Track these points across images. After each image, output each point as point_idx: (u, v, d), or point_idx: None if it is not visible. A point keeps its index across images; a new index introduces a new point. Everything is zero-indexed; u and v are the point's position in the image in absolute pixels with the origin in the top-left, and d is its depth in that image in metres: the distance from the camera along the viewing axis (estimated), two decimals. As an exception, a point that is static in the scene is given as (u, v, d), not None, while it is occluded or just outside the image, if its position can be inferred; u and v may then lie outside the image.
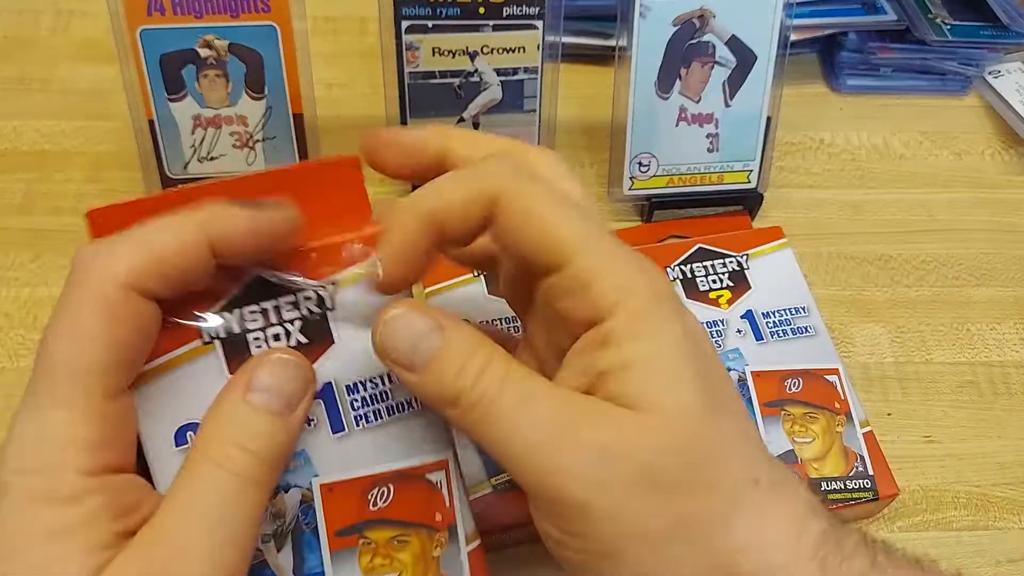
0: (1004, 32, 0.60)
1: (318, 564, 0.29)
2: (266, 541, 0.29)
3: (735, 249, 0.49)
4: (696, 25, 0.48)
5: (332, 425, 0.29)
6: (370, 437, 0.29)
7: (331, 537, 0.29)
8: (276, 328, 0.29)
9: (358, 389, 0.29)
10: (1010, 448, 0.46)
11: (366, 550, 0.29)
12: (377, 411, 0.29)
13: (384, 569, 0.29)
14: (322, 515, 0.29)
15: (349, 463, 0.29)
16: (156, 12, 0.45)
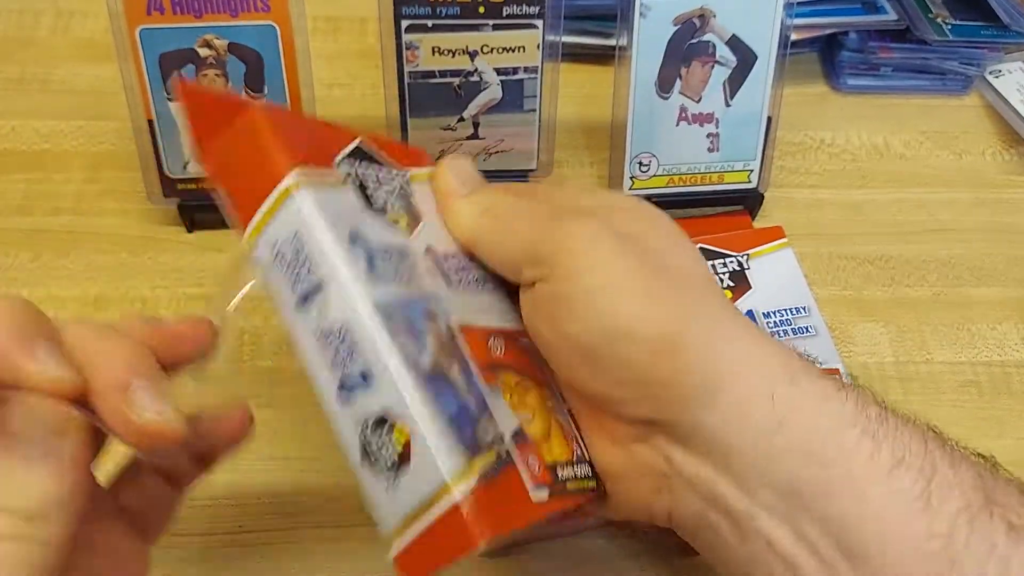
0: (1005, 32, 0.60)
1: (479, 392, 0.28)
2: (438, 361, 0.27)
3: (735, 249, 0.49)
4: (696, 24, 0.48)
5: (445, 280, 0.31)
6: (470, 296, 0.32)
7: (481, 370, 0.29)
8: (384, 189, 0.32)
9: (448, 259, 0.32)
10: (1011, 448, 0.46)
11: (505, 389, 0.30)
12: (468, 279, 0.32)
13: (521, 408, 0.30)
14: (469, 350, 0.29)
15: (467, 312, 0.31)
16: (155, 12, 0.45)
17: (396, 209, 0.31)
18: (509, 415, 0.29)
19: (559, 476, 0.29)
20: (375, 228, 0.29)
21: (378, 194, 0.31)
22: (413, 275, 0.29)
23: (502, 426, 0.28)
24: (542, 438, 0.29)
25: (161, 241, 0.51)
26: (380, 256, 0.28)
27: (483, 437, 0.27)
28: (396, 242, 0.30)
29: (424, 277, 0.30)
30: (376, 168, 0.32)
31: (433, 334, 0.28)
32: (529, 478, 0.27)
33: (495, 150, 0.52)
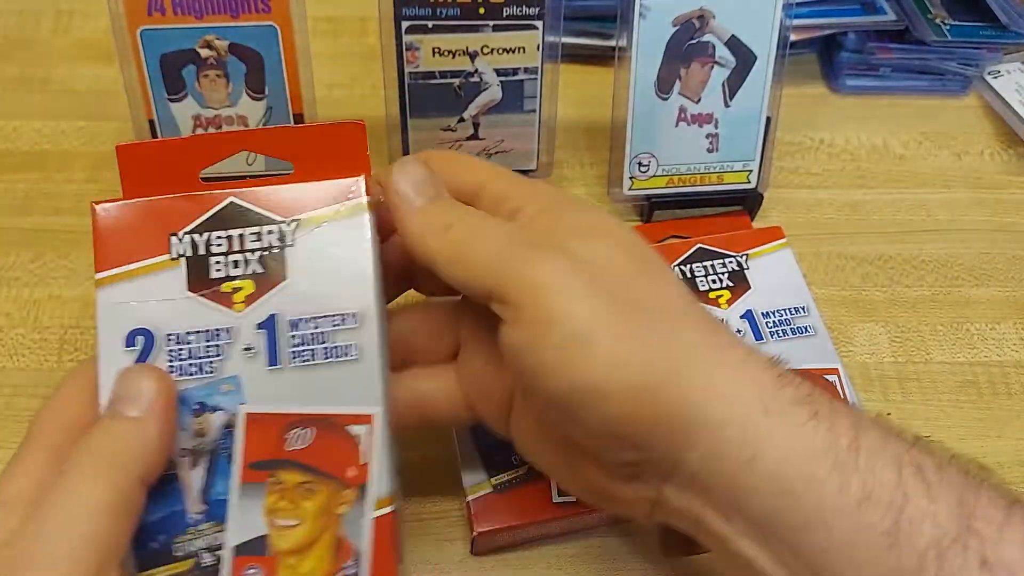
0: (1003, 32, 0.60)
1: (224, 491, 0.29)
2: (183, 456, 0.30)
3: (735, 249, 0.49)
4: (696, 25, 0.48)
5: (269, 357, 0.30)
6: (302, 375, 0.30)
7: (244, 468, 0.29)
8: (237, 256, 0.31)
9: (299, 326, 0.30)
10: (1009, 448, 0.46)
11: (274, 489, 0.30)
12: (313, 351, 0.30)
13: (285, 514, 0.29)
14: (241, 443, 0.30)
15: (278, 397, 0.30)
16: (156, 12, 0.45)
17: (243, 276, 0.31)
18: (257, 522, 0.29)
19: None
20: (186, 312, 0.30)
21: (221, 263, 0.31)
22: (221, 358, 0.30)
23: (232, 535, 0.29)
24: (295, 550, 0.29)
25: (162, 241, 0.51)
26: (169, 346, 0.30)
27: (178, 548, 0.29)
28: (210, 323, 0.31)
29: (234, 359, 0.30)
30: (240, 228, 0.31)
31: (192, 430, 0.30)
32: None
33: (495, 151, 0.52)
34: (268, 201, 0.31)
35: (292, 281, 0.31)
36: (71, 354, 0.47)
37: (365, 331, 0.31)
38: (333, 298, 0.31)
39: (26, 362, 0.46)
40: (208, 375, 0.30)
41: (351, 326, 0.31)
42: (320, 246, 0.31)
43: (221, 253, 0.31)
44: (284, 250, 0.31)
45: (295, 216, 0.31)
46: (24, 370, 0.46)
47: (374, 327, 0.31)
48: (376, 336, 0.31)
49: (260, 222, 0.31)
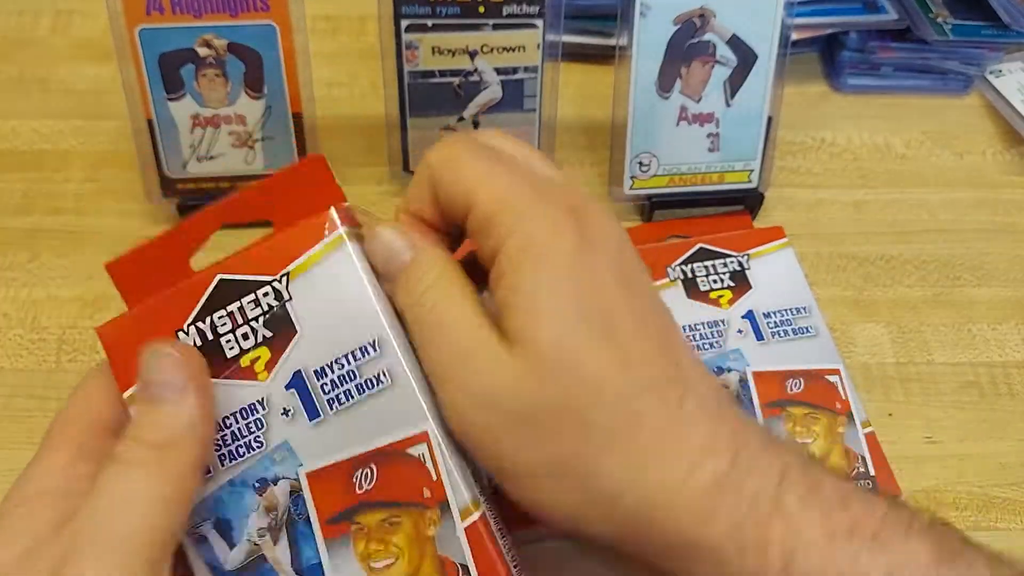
0: (1005, 31, 0.60)
1: (314, 554, 0.29)
2: (262, 535, 0.29)
3: (736, 249, 0.49)
4: (697, 24, 0.48)
5: (308, 412, 0.30)
6: (345, 418, 0.30)
7: (323, 526, 0.29)
8: (244, 328, 0.30)
9: (326, 372, 0.30)
10: (1012, 449, 0.46)
11: (359, 536, 0.29)
12: (348, 392, 0.30)
13: (380, 555, 0.29)
14: (312, 504, 0.29)
15: (330, 448, 0.30)
16: (155, 11, 0.45)
17: (255, 345, 0.31)
18: (355, 570, 0.29)
19: None
20: (217, 396, 0.30)
21: (232, 340, 0.31)
22: (264, 430, 0.30)
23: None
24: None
25: (160, 241, 0.51)
26: (215, 435, 0.30)
27: None
28: (245, 397, 0.30)
29: (276, 427, 0.30)
30: (237, 301, 0.31)
31: (261, 508, 0.30)
32: None
33: (495, 150, 0.51)
34: (254, 265, 0.31)
35: (303, 333, 0.30)
36: (69, 354, 0.47)
37: (387, 355, 0.30)
38: (347, 335, 0.30)
39: (24, 363, 0.46)
40: (258, 451, 0.30)
41: (373, 355, 0.30)
42: (316, 290, 0.31)
43: (228, 332, 0.31)
44: (285, 305, 0.31)
45: (284, 270, 0.31)
46: (22, 371, 0.46)
47: (394, 348, 0.30)
48: (400, 355, 0.30)
49: (253, 288, 0.31)
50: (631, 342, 0.26)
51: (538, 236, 0.27)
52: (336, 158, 0.56)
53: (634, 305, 0.27)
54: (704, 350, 0.45)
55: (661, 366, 0.27)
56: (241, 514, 0.30)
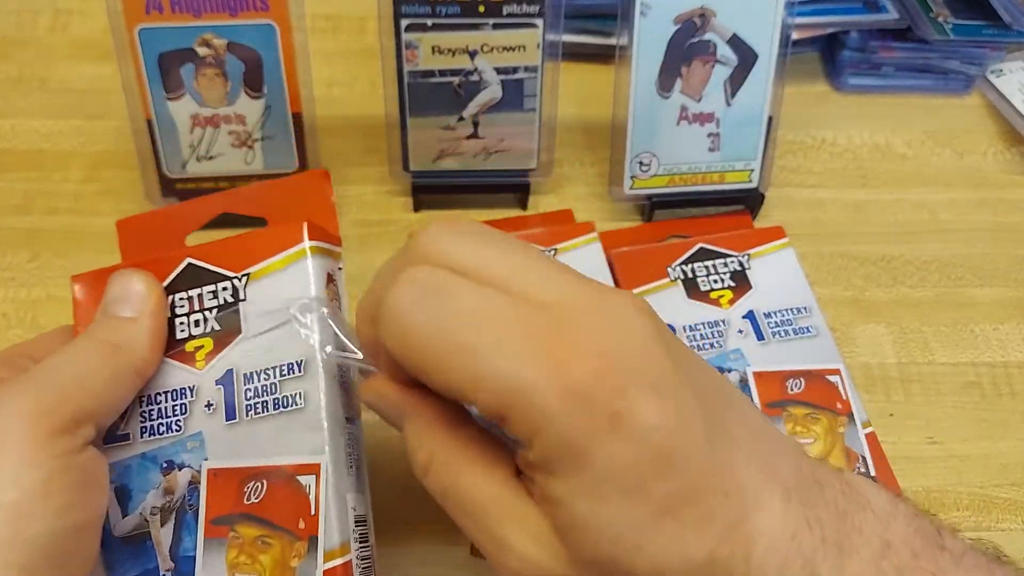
0: (1006, 31, 0.60)
1: (192, 548, 0.30)
2: (154, 514, 0.31)
3: (736, 249, 0.49)
4: (697, 24, 0.48)
5: (227, 412, 0.31)
6: (256, 428, 0.31)
7: (207, 524, 0.30)
8: (197, 315, 0.32)
9: (253, 379, 0.31)
10: (1013, 449, 0.46)
11: (234, 544, 0.30)
12: (265, 403, 0.31)
13: (246, 568, 0.30)
14: (204, 500, 0.30)
15: (236, 451, 0.30)
16: (154, 11, 0.45)
17: (203, 334, 0.32)
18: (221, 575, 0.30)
19: None
20: (158, 371, 0.32)
21: (184, 323, 0.32)
22: (186, 416, 0.31)
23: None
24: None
25: (160, 241, 0.51)
26: (141, 407, 0.31)
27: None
28: (179, 380, 0.32)
29: (197, 417, 0.31)
30: (199, 288, 0.32)
31: (161, 488, 0.31)
32: None
33: (495, 149, 0.51)
34: (221, 258, 0.32)
35: (245, 335, 0.31)
36: (68, 354, 0.47)
37: (309, 378, 0.30)
38: (282, 348, 0.31)
39: (23, 362, 0.46)
40: (175, 433, 0.31)
41: (297, 375, 0.31)
42: (268, 296, 0.32)
43: (184, 314, 0.32)
44: (238, 304, 0.32)
45: (246, 270, 0.32)
46: (21, 370, 0.46)
47: (317, 372, 0.30)
48: (321, 382, 0.30)
49: (215, 280, 0.32)
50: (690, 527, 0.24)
51: (572, 439, 0.23)
52: (336, 158, 0.56)
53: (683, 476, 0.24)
54: (704, 350, 0.45)
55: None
56: (142, 488, 0.31)
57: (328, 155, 0.55)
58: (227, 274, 0.32)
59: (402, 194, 0.54)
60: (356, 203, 0.54)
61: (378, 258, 0.51)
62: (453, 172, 0.52)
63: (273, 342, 0.31)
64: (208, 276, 0.32)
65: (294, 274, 0.32)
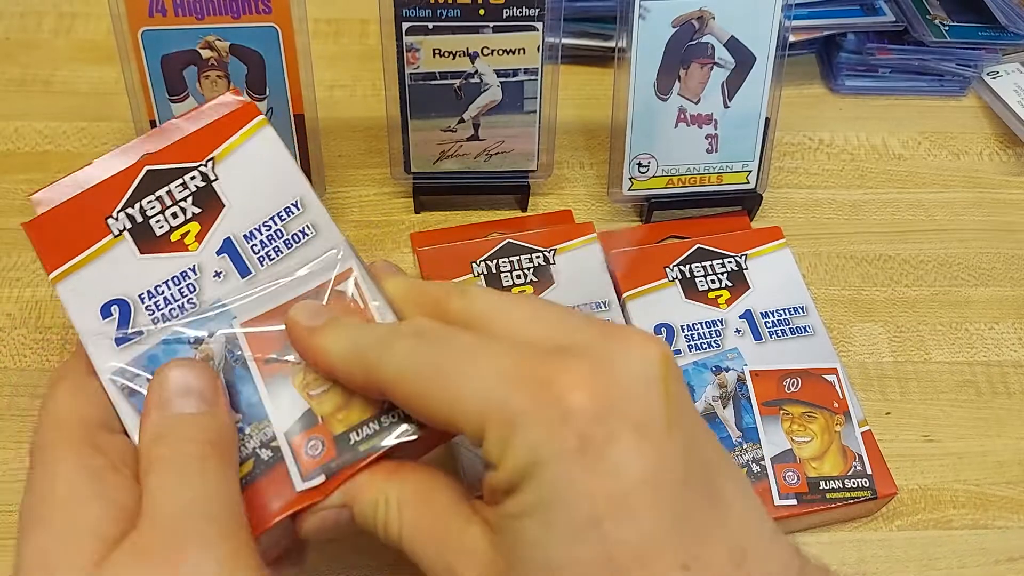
0: (1002, 33, 0.60)
1: (253, 392, 0.31)
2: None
3: (734, 249, 0.50)
4: (695, 26, 0.48)
5: (240, 271, 0.33)
6: (276, 270, 0.33)
7: (261, 366, 0.32)
8: (173, 208, 0.33)
9: (255, 235, 0.33)
10: (1009, 447, 0.46)
11: (296, 369, 0.31)
12: (276, 248, 0.33)
13: (318, 383, 0.31)
14: (247, 349, 0.32)
15: (263, 298, 0.32)
16: (157, 13, 0.46)
17: (183, 220, 0.33)
18: (296, 401, 0.31)
19: (349, 442, 0.30)
20: (148, 271, 0.33)
21: (161, 219, 0.33)
22: (197, 292, 0.33)
23: (278, 423, 0.31)
24: (338, 408, 0.31)
25: (163, 242, 0.51)
26: (146, 302, 0.32)
27: (241, 452, 0.30)
28: (175, 267, 0.33)
29: (209, 288, 0.33)
30: (166, 186, 0.34)
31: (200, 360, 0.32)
32: (298, 470, 0.30)
33: (495, 151, 0.52)
34: (180, 154, 0.34)
35: (230, 205, 0.33)
36: (73, 354, 0.47)
37: (310, 210, 0.34)
38: (272, 200, 0.34)
39: (28, 362, 0.47)
40: (191, 311, 0.32)
41: (297, 213, 0.33)
42: (241, 167, 0.34)
43: (157, 213, 0.33)
44: (211, 185, 0.34)
45: (209, 155, 0.34)
46: (26, 370, 0.46)
47: (316, 203, 0.34)
48: (322, 209, 0.34)
49: (181, 174, 0.34)
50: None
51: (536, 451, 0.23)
52: (337, 159, 0.56)
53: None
54: (702, 350, 0.46)
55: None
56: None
57: (330, 157, 0.55)
58: (191, 165, 0.34)
59: (403, 195, 0.54)
60: (357, 204, 0.54)
61: (380, 258, 0.52)
62: (454, 174, 0.52)
63: (262, 200, 0.33)
64: (172, 174, 0.34)
65: (259, 143, 0.34)
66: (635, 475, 0.22)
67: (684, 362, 0.45)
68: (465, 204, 0.54)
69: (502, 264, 0.48)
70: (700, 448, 0.24)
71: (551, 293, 0.47)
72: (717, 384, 0.45)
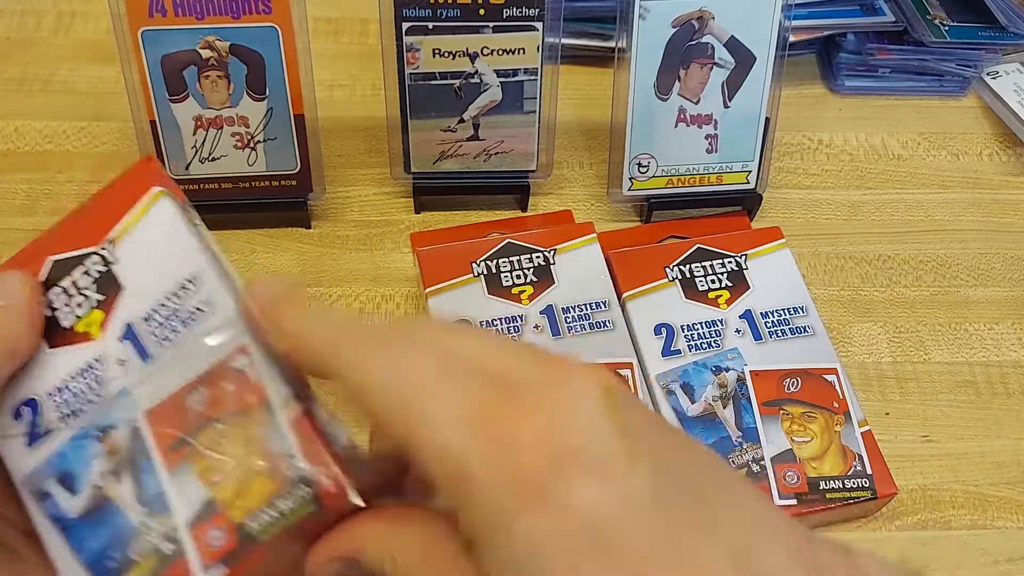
0: (1002, 33, 0.60)
1: (156, 484, 0.31)
2: (105, 478, 0.31)
3: (734, 249, 0.50)
4: (695, 26, 0.48)
5: (141, 356, 0.32)
6: (174, 353, 0.32)
7: (164, 455, 0.31)
8: (78, 298, 0.33)
9: (153, 317, 0.32)
10: (1007, 448, 0.46)
11: (195, 457, 0.31)
12: (173, 328, 0.32)
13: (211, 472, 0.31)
14: (151, 438, 0.31)
15: (164, 384, 0.31)
16: (157, 13, 0.46)
17: (87, 308, 0.33)
18: (198, 490, 0.30)
19: (249, 530, 0.30)
20: (53, 366, 0.32)
21: (67, 311, 0.33)
22: (103, 383, 0.32)
23: (178, 514, 0.30)
24: (237, 494, 0.30)
25: (163, 241, 0.51)
26: (51, 404, 0.32)
27: (135, 550, 0.30)
28: (80, 358, 0.32)
29: (113, 380, 0.32)
30: (69, 276, 0.33)
31: (101, 456, 0.32)
32: (200, 562, 0.30)
33: (495, 151, 0.52)
34: (79, 237, 0.33)
35: (128, 288, 0.33)
36: (73, 354, 0.47)
37: (205, 285, 0.32)
38: (168, 278, 0.32)
39: (28, 362, 0.47)
40: (97, 402, 0.32)
41: (193, 290, 0.32)
42: (139, 247, 0.33)
43: (64, 305, 0.33)
44: (111, 268, 0.33)
45: (107, 236, 0.33)
46: (26, 370, 0.46)
47: (212, 277, 0.32)
48: (217, 284, 0.32)
49: (83, 260, 0.33)
50: None
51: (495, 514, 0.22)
52: (337, 159, 0.56)
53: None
54: (702, 350, 0.46)
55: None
56: (84, 463, 0.32)
57: (330, 157, 0.55)
58: (91, 250, 0.33)
59: (403, 195, 0.54)
60: (357, 204, 0.54)
61: (380, 259, 0.52)
62: (454, 174, 0.52)
63: (158, 279, 0.32)
64: (75, 262, 0.33)
65: (156, 217, 0.33)
66: (604, 515, 0.22)
67: (684, 362, 0.45)
68: (465, 204, 0.54)
69: (502, 264, 0.48)
70: (676, 465, 0.24)
71: (551, 293, 0.47)
72: (717, 384, 0.45)
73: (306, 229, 0.53)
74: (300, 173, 0.51)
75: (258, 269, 0.51)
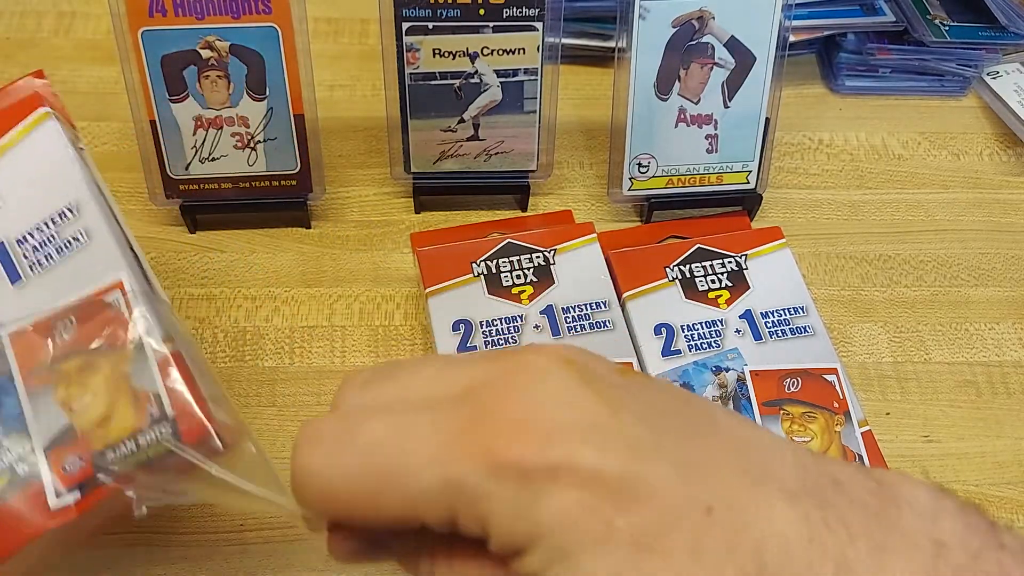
0: (1002, 33, 0.60)
1: (15, 404, 0.30)
2: None
3: (734, 249, 0.50)
4: (695, 26, 0.48)
5: (10, 277, 0.32)
6: (46, 279, 0.31)
7: (25, 379, 0.31)
8: None
9: (27, 239, 0.32)
10: (1008, 448, 0.46)
11: (60, 382, 0.30)
12: (48, 255, 0.32)
13: (79, 393, 0.30)
14: (14, 361, 0.31)
15: (31, 308, 0.31)
16: (157, 13, 0.46)
17: None
18: (57, 415, 0.30)
19: (107, 460, 0.29)
20: None
21: None
22: None
23: (36, 437, 0.30)
24: (100, 421, 0.30)
25: (163, 242, 0.51)
26: None
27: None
28: None
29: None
30: None
31: None
32: (54, 486, 0.29)
33: (495, 151, 0.52)
34: None
35: (5, 205, 0.32)
36: (73, 354, 0.47)
37: (85, 216, 0.32)
38: (48, 202, 0.32)
39: (28, 362, 0.47)
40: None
41: (72, 219, 0.32)
42: (21, 164, 0.32)
43: None
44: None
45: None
46: (26, 370, 0.46)
47: (92, 208, 0.32)
48: (98, 214, 0.32)
49: None
50: None
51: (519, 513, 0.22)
52: (337, 159, 0.56)
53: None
54: (702, 350, 0.46)
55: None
56: None
57: (330, 157, 0.56)
58: None
59: (403, 195, 0.54)
60: (357, 204, 0.54)
61: (380, 259, 0.52)
62: (454, 174, 0.52)
63: (37, 201, 0.32)
64: None
65: (42, 137, 0.33)
66: (615, 469, 0.22)
67: (684, 362, 0.45)
68: (465, 204, 0.54)
69: (502, 264, 0.48)
70: (657, 405, 0.24)
71: (551, 293, 0.47)
72: (717, 384, 0.45)
73: (306, 229, 0.53)
74: (300, 173, 0.51)
75: (258, 269, 0.51)
